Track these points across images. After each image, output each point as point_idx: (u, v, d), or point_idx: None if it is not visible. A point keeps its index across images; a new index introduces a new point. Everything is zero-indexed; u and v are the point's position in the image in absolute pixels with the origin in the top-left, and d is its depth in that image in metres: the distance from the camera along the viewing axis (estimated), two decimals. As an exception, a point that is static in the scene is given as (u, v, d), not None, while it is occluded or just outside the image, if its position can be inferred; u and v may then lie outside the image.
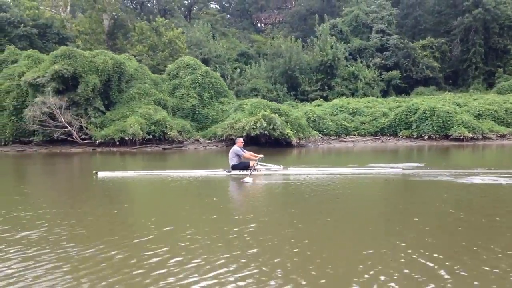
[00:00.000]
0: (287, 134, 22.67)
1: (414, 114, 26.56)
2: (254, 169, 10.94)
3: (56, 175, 13.82)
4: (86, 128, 26.26)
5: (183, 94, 29.63)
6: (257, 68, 43.23)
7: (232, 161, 11.32)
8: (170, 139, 26.58)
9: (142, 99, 28.20)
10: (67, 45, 37.42)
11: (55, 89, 25.87)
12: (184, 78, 30.25)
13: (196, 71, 30.69)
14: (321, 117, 28.28)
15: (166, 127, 26.29)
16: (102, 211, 6.90)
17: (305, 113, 28.09)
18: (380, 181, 9.92)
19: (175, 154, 23.04)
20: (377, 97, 38.45)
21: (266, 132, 22.40)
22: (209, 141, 27.27)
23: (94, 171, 11.80)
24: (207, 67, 32.10)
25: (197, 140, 27.56)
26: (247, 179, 10.01)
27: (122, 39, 43.37)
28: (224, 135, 24.39)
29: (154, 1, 57.93)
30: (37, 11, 38.40)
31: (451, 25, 48.29)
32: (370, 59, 44.20)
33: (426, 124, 25.53)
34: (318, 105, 32.89)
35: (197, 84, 30.13)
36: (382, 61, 43.83)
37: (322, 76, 40.69)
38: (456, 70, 46.44)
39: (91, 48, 38.69)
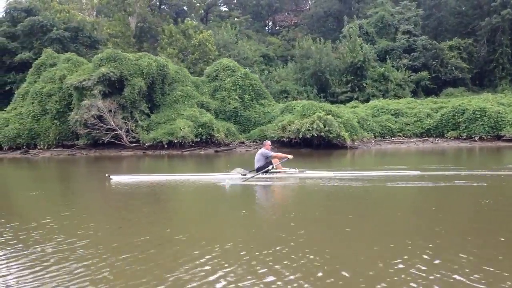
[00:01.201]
0: (342, 136, 22.51)
1: (462, 114, 26.43)
2: (268, 172, 10.99)
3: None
4: (133, 131, 26.12)
5: (224, 97, 29.51)
6: (285, 70, 43.11)
7: (259, 162, 11.35)
8: (216, 141, 26.46)
9: (185, 102, 28.09)
10: (97, 48, 37.49)
11: (101, 92, 25.75)
12: (224, 80, 30.12)
13: (235, 73, 30.58)
14: (365, 118, 28.14)
15: (213, 129, 26.16)
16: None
17: (347, 115, 27.98)
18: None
19: (229, 156, 22.92)
20: (409, 98, 38.30)
21: (322, 134, 22.24)
22: (254, 143, 27.13)
23: (107, 175, 11.35)
24: (246, 69, 31.99)
25: (242, 142, 27.44)
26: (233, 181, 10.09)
27: (149, 42, 43.34)
28: (276, 137, 24.20)
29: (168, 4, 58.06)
30: (67, 14, 38.30)
31: (475, 26, 48.26)
32: (398, 60, 44.05)
33: (477, 125, 25.40)
34: (354, 107, 32.76)
35: (237, 86, 30.01)
36: (410, 62, 43.67)
37: (352, 77, 40.56)
38: (482, 71, 46.34)
39: (122, 51, 38.67)
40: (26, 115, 28.27)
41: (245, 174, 11.11)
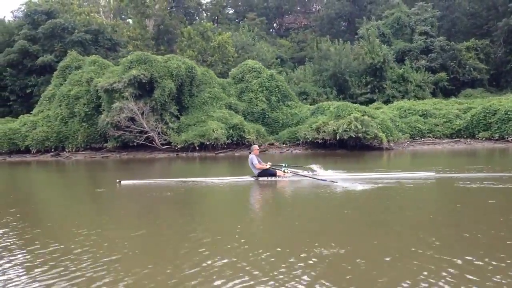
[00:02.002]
0: (379, 137, 22.41)
1: (493, 115, 26.33)
2: (286, 175, 10.96)
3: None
4: (165, 133, 26.00)
5: (251, 98, 29.40)
6: (302, 71, 43.03)
7: (254, 169, 11.23)
8: (247, 143, 26.33)
9: (214, 104, 28.00)
10: (117, 51, 37.38)
11: (132, 94, 25.64)
12: (250, 82, 30.02)
13: (261, 74, 30.49)
14: (393, 119, 28.03)
15: (244, 131, 26.06)
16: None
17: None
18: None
19: (264, 158, 22.79)
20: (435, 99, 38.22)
21: (360, 135, 22.14)
22: (284, 145, 27.03)
23: (117, 180, 11.36)
24: (272, 71, 31.92)
25: (272, 144, 27.32)
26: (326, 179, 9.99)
27: (166, 45, 43.25)
28: (310, 138, 24.08)
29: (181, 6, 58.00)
30: (87, 17, 38.22)
31: (491, 27, 48.28)
32: (415, 61, 44.01)
33: (510, 125, 25.29)
34: (378, 108, 32.62)
35: (264, 87, 29.91)
36: (427, 63, 43.63)
37: (371, 78, 40.48)
38: (498, 71, 46.32)
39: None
40: (54, 118, 28.17)
41: (257, 178, 11.13)
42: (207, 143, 25.01)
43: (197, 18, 53.44)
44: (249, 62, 31.64)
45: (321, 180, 10.19)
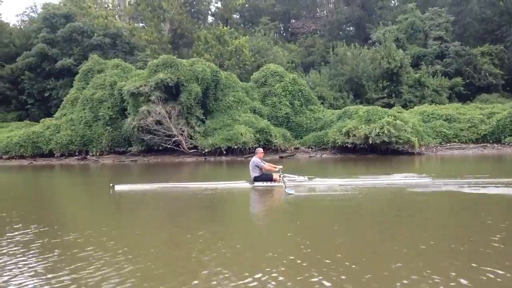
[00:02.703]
0: (412, 141, 22.32)
1: (521, 120, 26.30)
2: (283, 181, 10.57)
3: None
4: (192, 137, 25.90)
5: (275, 102, 29.33)
6: (317, 75, 42.99)
7: (254, 172, 11.01)
8: (274, 147, 26.25)
9: (239, 108, 27.91)
10: (134, 55, 37.31)
11: (158, 98, 25.55)
12: (273, 85, 29.95)
13: (283, 78, 30.44)
14: (417, 124, 27.95)
15: (271, 135, 25.97)
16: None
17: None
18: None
19: (293, 162, 22.70)
20: (446, 104, 38.20)
21: (393, 139, 22.06)
22: (310, 149, 26.94)
23: (110, 184, 11.01)
24: (294, 75, 31.88)
25: (297, 148, 27.22)
26: (289, 190, 9.48)
27: (182, 49, 43.20)
28: (339, 142, 23.98)
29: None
30: (105, 21, 38.18)
31: (504, 32, 48.39)
32: (430, 66, 44.02)
33: (538, 130, 25.27)
34: (399, 113, 32.52)
35: (287, 91, 29.86)
36: (443, 68, 43.65)
37: (388, 83, 40.47)
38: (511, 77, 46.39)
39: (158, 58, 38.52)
40: (77, 122, 28.07)
41: (252, 183, 10.91)
42: (235, 147, 24.90)
43: (202, 23, 53.48)
44: (271, 66, 31.58)
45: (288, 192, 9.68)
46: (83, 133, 27.65)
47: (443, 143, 27.33)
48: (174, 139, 25.19)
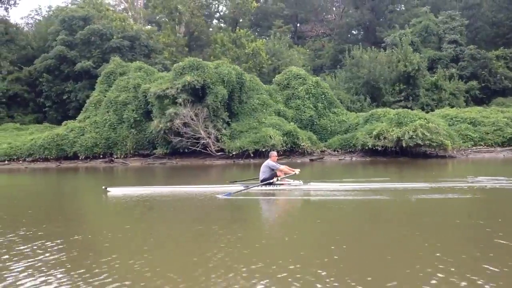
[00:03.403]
0: (445, 145, 22.21)
1: (547, 123, 26.26)
2: (274, 184, 10.73)
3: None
4: (219, 140, 25.76)
5: (298, 105, 29.23)
6: (335, 79, 42.96)
7: (264, 174, 11.04)
8: (300, 150, 26.13)
9: (264, 110, 27.81)
10: (150, 58, 37.19)
11: (185, 100, 25.43)
12: (297, 88, 29.87)
13: (306, 81, 30.36)
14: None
15: (298, 138, 25.85)
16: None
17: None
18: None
19: (325, 165, 22.59)
20: (463, 107, 38.15)
21: (427, 142, 21.96)
22: (336, 152, 26.82)
23: (103, 187, 10.77)
24: (317, 77, 31.81)
25: (323, 151, 27.10)
26: (225, 195, 9.63)
27: (197, 51, 43.13)
28: (369, 145, 23.85)
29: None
30: (123, 24, 38.09)
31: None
32: (445, 69, 44.00)
33: None
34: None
35: (310, 94, 29.78)
36: (458, 72, 43.65)
37: (404, 86, 40.42)
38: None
39: (176, 60, 38.42)
40: (102, 124, 27.90)
41: (247, 186, 10.93)
42: (263, 150, 24.76)
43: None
44: (293, 69, 31.54)
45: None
46: (107, 136, 27.49)
47: (469, 146, 27.25)
48: (202, 141, 25.00)
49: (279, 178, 10.88)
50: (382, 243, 5.46)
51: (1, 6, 39.76)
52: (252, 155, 24.96)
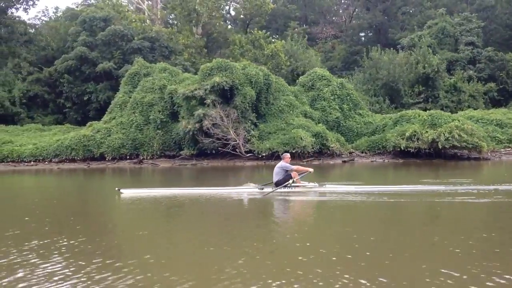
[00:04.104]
0: (481, 146, 22.08)
1: None
2: (289, 186, 10.71)
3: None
4: (247, 141, 25.65)
5: (324, 106, 29.12)
6: (352, 80, 42.84)
7: (278, 176, 10.96)
8: (329, 151, 26.00)
9: (291, 112, 27.71)
10: (169, 59, 37.11)
11: (213, 101, 25.33)
12: (322, 89, 29.77)
13: (331, 82, 30.27)
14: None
15: (327, 139, 25.74)
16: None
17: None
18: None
19: (357, 167, 22.49)
20: (483, 109, 38.04)
21: (464, 143, 21.83)
22: (364, 154, 26.69)
23: (116, 188, 10.80)
24: (342, 79, 31.73)
25: (351, 152, 26.97)
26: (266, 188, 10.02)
27: (214, 52, 43.07)
28: (401, 146, 23.69)
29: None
30: (143, 25, 38.03)
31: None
32: (462, 71, 43.90)
33: None
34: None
35: (336, 96, 29.68)
36: (475, 73, 43.55)
37: (423, 88, 40.32)
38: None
39: (195, 62, 38.39)
40: (128, 125, 27.81)
41: (262, 188, 10.93)
42: (293, 151, 24.63)
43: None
44: (318, 70, 31.47)
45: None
46: (134, 137, 27.38)
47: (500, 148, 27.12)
48: (233, 143, 24.88)
49: (294, 180, 10.81)
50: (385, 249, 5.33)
51: (20, 7, 39.65)
52: (281, 156, 24.80)
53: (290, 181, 10.78)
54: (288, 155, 11.70)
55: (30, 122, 35.07)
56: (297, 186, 10.90)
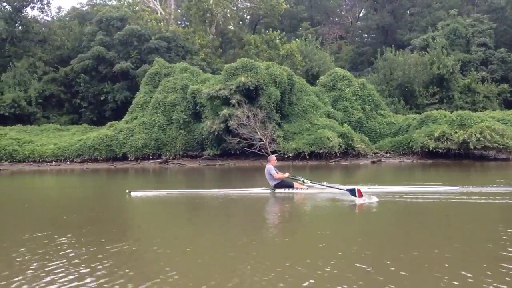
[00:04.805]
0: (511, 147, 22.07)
1: None
2: (308, 187, 10.54)
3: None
4: (273, 141, 25.53)
5: (346, 107, 29.06)
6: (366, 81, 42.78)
7: (271, 180, 10.78)
8: (354, 152, 25.92)
9: (314, 112, 27.61)
10: (185, 59, 36.96)
11: (238, 101, 25.21)
12: (343, 90, 29.71)
13: (352, 83, 30.21)
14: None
15: (352, 139, 25.66)
16: None
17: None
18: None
19: (384, 167, 22.39)
20: (498, 110, 38.09)
21: (495, 144, 21.80)
22: (388, 154, 26.61)
23: (127, 190, 10.87)
24: (363, 79, 31.69)
25: (375, 153, 26.89)
26: (360, 200, 8.97)
27: (229, 53, 42.98)
28: (430, 147, 23.62)
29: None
30: (159, 25, 37.89)
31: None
32: (475, 72, 43.94)
33: None
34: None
35: (357, 96, 29.63)
36: (488, 75, 43.61)
37: (438, 89, 40.33)
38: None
39: (210, 62, 38.26)
40: (150, 125, 27.66)
41: (273, 190, 10.70)
42: (320, 151, 24.57)
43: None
44: (339, 71, 31.41)
45: (344, 190, 9.68)
46: (157, 137, 27.23)
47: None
48: (260, 143, 24.75)
49: (304, 181, 10.61)
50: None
51: (35, 6, 39.41)
52: (307, 156, 24.76)
53: (301, 179, 10.65)
54: (273, 157, 11.38)
55: (45, 122, 34.83)
56: (310, 187, 10.67)
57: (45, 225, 7.32)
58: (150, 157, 27.14)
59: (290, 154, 24.85)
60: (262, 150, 25.27)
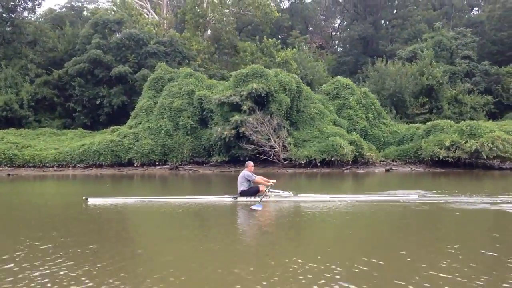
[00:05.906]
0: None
1: None
2: (266, 195, 10.40)
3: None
4: (284, 148, 25.53)
5: (351, 115, 29.44)
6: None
7: (242, 186, 10.67)
8: (363, 160, 26.23)
9: (321, 119, 27.82)
10: (182, 64, 36.64)
11: (249, 108, 25.15)
12: (347, 98, 30.10)
13: (355, 91, 30.67)
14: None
15: (362, 147, 25.99)
16: None
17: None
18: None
19: (397, 176, 22.74)
20: (484, 121, 39.44)
21: (507, 154, 22.51)
22: (395, 162, 27.07)
23: (84, 197, 10.57)
24: (365, 88, 32.18)
25: (381, 161, 27.30)
26: (256, 206, 9.45)
27: (223, 59, 42.85)
28: (440, 156, 24.16)
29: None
30: (155, 29, 37.40)
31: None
32: (460, 84, 45.43)
33: None
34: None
35: (361, 104, 30.09)
36: (472, 86, 45.17)
37: (427, 99, 41.44)
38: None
39: (206, 67, 38.04)
40: (157, 131, 27.17)
41: (235, 198, 10.63)
42: (331, 159, 24.73)
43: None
44: (341, 79, 31.82)
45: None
46: (163, 142, 26.75)
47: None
48: (273, 150, 24.70)
49: (268, 189, 10.44)
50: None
51: (25, 5, 38.04)
52: (318, 164, 24.88)
53: (266, 189, 10.41)
54: (251, 163, 11.23)
55: (36, 125, 33.64)
56: (276, 195, 10.65)
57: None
58: (156, 163, 26.59)
59: (302, 162, 24.87)
60: (275, 157, 25.25)
